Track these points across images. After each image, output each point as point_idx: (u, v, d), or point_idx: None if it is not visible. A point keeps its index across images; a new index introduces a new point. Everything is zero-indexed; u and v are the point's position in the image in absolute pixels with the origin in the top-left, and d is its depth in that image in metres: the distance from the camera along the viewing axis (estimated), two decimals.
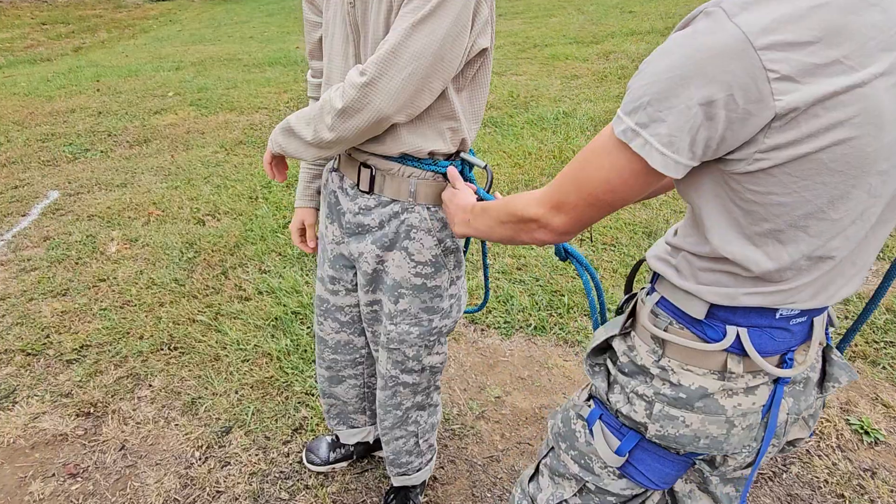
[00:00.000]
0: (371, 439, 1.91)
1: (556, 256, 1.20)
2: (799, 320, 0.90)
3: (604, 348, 1.09)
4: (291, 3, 14.20)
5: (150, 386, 2.32)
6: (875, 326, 2.54)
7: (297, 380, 2.35)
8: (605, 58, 7.02)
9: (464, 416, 2.29)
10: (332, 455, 1.96)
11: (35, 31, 11.76)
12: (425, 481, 1.89)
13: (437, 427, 1.77)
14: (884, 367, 2.35)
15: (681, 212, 3.71)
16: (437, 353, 1.47)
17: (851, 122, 0.70)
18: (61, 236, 3.35)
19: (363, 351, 1.62)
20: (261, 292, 2.88)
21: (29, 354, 2.46)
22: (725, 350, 0.90)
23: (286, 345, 2.53)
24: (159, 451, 2.06)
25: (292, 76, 7.03)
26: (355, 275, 1.47)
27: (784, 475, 1.97)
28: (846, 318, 2.59)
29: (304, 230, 1.58)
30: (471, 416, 2.29)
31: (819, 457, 2.02)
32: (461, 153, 1.29)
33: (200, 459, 2.02)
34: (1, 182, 4.12)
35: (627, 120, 0.77)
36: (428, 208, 1.29)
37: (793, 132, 0.71)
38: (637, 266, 1.16)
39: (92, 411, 2.20)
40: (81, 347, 2.49)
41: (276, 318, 2.68)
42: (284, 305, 2.76)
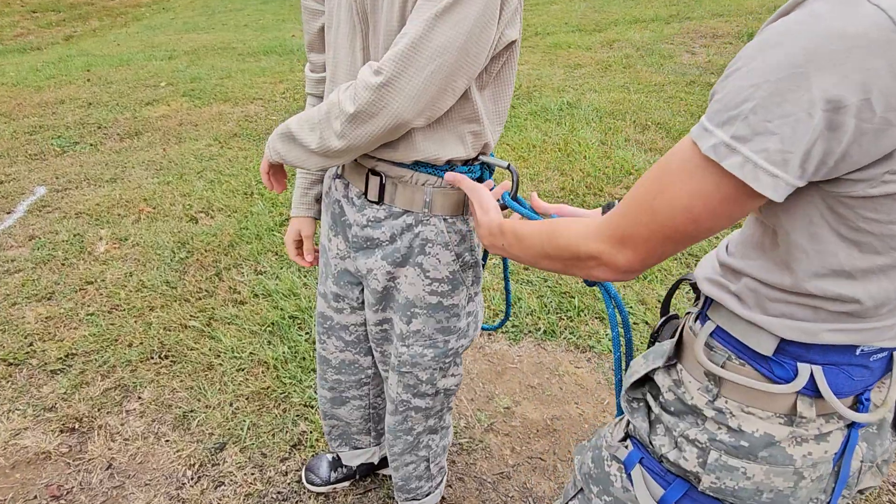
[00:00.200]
0: (376, 460, 1.79)
1: (584, 282, 1.06)
2: (879, 356, 0.77)
3: (642, 380, 0.96)
4: None
5: (140, 398, 2.19)
6: None
7: (295, 390, 2.22)
8: (609, 46, 6.85)
9: (472, 428, 2.16)
10: (334, 475, 1.83)
11: (25, 20, 11.51)
12: None
13: (448, 448, 1.64)
14: None
15: None
16: (453, 376, 1.34)
17: None
18: (47, 235, 3.20)
19: (369, 371, 1.49)
20: (256, 295, 2.74)
21: (11, 364, 2.32)
22: (796, 391, 0.77)
23: (283, 352, 2.39)
24: (149, 469, 1.93)
25: (288, 65, 6.85)
26: (362, 292, 1.33)
27: None
28: None
29: (301, 241, 1.43)
30: (479, 429, 2.16)
31: None
32: (481, 155, 1.15)
33: (192, 479, 1.90)
34: None
35: (720, 133, 0.61)
36: (445, 220, 1.15)
37: None
38: (676, 286, 1.03)
39: (77, 426, 2.06)
40: (67, 356, 2.35)
41: (273, 324, 2.55)
42: (281, 309, 2.63)
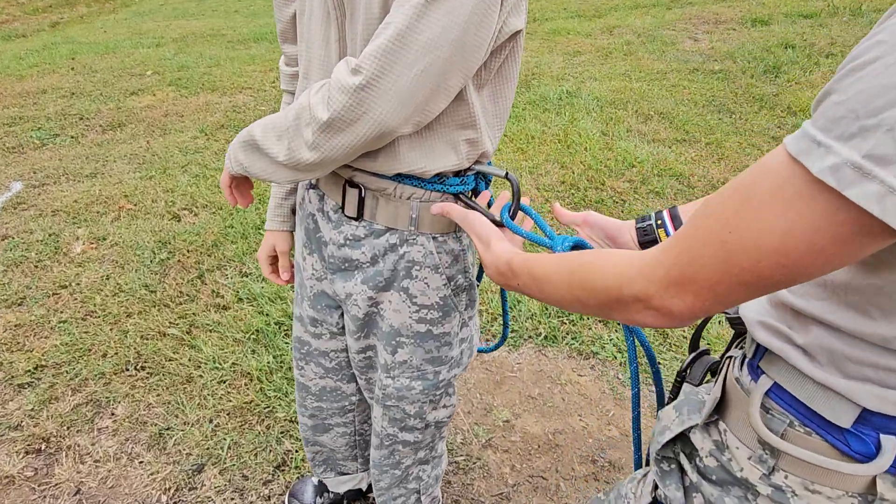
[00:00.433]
0: (364, 486, 1.65)
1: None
2: None
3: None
4: None
5: (113, 414, 2.04)
6: None
7: (280, 404, 2.07)
8: (609, 33, 6.66)
9: (469, 444, 2.03)
10: (319, 500, 1.69)
11: (10, 6, 11.21)
12: None
13: (442, 476, 1.50)
14: None
15: None
16: (445, 407, 1.20)
17: None
18: (21, 235, 3.04)
19: (353, 398, 1.34)
20: (241, 299, 2.59)
21: None
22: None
23: (268, 362, 2.25)
24: (120, 495, 1.79)
25: (279, 53, 6.65)
26: (342, 316, 1.18)
27: None
28: None
29: (276, 257, 1.28)
30: (477, 445, 2.03)
31: None
32: (476, 164, 1.00)
33: None
34: None
35: (843, 149, 0.45)
36: (434, 238, 1.00)
37: None
38: (706, 321, 0.88)
39: (44, 447, 1.92)
40: (36, 368, 2.20)
41: (258, 331, 2.40)
42: (267, 315, 2.48)
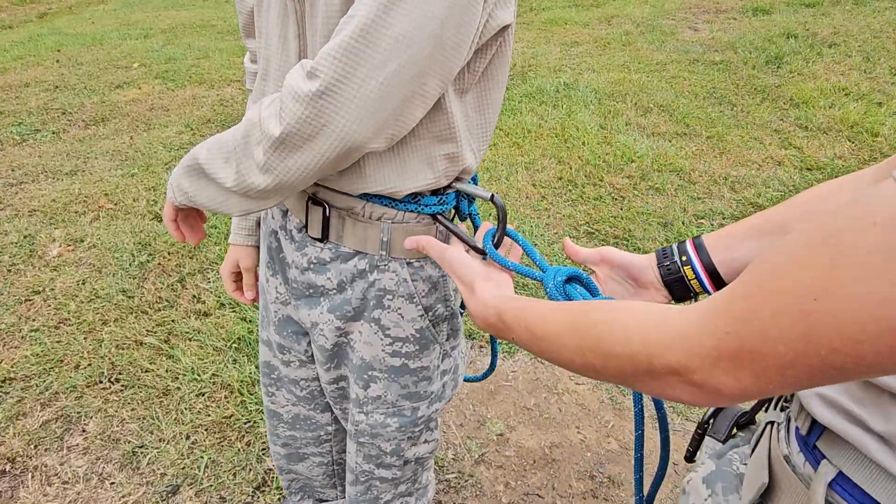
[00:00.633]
0: None
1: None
2: None
3: None
4: None
5: (84, 431, 1.93)
6: None
7: (261, 418, 1.96)
8: (608, 22, 6.51)
9: (461, 460, 1.92)
10: None
11: None
12: None
13: (431, 502, 1.40)
14: None
15: (699, 198, 3.30)
16: (426, 442, 1.08)
17: None
18: None
19: (329, 428, 1.23)
20: (223, 305, 2.48)
21: None
22: None
23: (250, 372, 2.14)
24: None
25: None
26: (310, 344, 1.07)
27: None
28: None
29: (240, 273, 1.16)
30: (469, 461, 1.92)
31: None
32: (456, 182, 0.87)
33: None
34: None
35: None
36: (409, 264, 0.88)
37: None
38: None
39: (9, 468, 1.81)
40: (3, 381, 2.09)
41: (240, 339, 2.29)
42: (249, 321, 2.37)
